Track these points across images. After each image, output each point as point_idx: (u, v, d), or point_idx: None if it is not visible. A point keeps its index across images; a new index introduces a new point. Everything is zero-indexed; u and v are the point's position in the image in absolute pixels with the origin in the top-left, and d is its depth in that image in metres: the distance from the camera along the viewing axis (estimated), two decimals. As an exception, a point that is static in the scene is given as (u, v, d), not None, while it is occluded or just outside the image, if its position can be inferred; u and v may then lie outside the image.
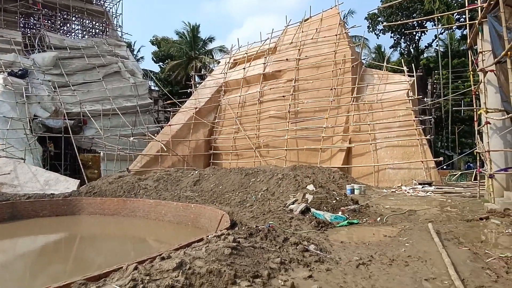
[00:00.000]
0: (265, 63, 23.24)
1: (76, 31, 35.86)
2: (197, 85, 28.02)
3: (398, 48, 41.13)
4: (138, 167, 21.43)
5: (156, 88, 38.70)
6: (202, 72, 35.08)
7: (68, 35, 33.77)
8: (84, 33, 35.37)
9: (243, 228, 8.38)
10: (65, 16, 34.16)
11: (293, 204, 10.04)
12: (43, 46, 28.01)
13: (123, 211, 15.75)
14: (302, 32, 22.46)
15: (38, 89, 24.01)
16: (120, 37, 34.97)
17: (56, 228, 14.88)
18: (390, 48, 41.31)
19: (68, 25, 35.45)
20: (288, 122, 20.31)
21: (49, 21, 32.80)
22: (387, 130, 17.64)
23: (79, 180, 18.85)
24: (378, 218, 9.10)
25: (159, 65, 44.35)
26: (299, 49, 21.86)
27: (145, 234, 13.77)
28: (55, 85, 25.18)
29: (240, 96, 23.39)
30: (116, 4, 35.40)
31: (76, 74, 27.45)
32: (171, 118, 25.53)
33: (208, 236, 7.23)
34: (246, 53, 25.02)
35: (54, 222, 15.31)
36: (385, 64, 20.77)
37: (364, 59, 27.31)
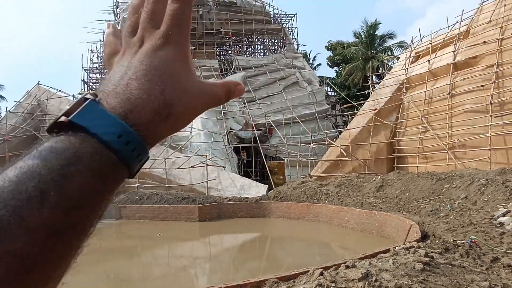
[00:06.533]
0: (455, 51, 20.20)
1: (258, 51, 40.09)
2: (375, 86, 26.83)
3: None
4: (319, 172, 21.92)
5: (333, 93, 39.15)
6: (380, 71, 33.47)
7: (252, 56, 38.10)
8: (265, 51, 39.17)
9: (436, 241, 7.49)
10: (249, 39, 38.62)
11: (503, 216, 8.34)
12: (234, 68, 32.36)
13: (307, 215, 16.36)
14: (505, 6, 18.53)
15: (231, 105, 27.88)
16: (297, 49, 37.10)
17: (251, 228, 16.74)
18: None
19: (252, 46, 39.99)
20: (491, 116, 17.00)
21: (237, 46, 37.79)
22: None
23: (267, 185, 20.72)
24: None
25: (335, 70, 44.80)
26: (501, 27, 18.09)
27: (329, 240, 13.90)
28: (245, 101, 28.67)
29: (425, 91, 21.03)
30: (291, 19, 37.80)
31: (261, 89, 30.56)
32: (349, 122, 25.21)
33: (395, 248, 6.75)
34: (431, 43, 22.37)
35: (249, 222, 17.24)
36: None
37: None
